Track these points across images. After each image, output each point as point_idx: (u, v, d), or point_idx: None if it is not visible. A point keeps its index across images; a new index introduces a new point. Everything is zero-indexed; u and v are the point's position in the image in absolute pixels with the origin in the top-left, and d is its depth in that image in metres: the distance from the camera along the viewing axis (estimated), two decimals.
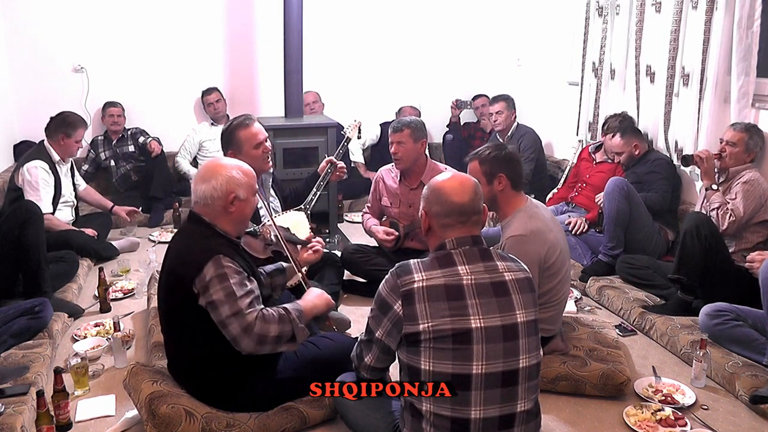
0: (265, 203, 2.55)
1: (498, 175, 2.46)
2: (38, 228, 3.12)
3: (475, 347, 1.66)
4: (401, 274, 1.74)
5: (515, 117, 4.78)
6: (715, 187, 3.17)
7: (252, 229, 2.57)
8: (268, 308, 2.06)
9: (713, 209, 3.08)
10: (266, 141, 2.95)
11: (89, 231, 3.97)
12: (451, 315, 1.67)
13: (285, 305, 2.12)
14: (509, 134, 4.75)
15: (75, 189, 4.12)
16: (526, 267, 1.85)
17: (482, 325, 1.67)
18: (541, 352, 1.80)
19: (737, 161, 3.17)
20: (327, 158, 3.41)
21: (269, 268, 2.50)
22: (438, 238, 1.82)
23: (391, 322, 1.74)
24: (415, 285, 1.70)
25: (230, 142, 2.90)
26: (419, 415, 1.72)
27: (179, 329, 2.14)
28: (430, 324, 1.67)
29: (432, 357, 1.68)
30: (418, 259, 1.79)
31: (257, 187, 2.21)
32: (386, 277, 1.79)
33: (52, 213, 3.77)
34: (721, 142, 3.25)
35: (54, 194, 3.80)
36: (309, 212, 3.24)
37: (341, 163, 3.38)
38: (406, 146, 3.32)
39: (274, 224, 2.54)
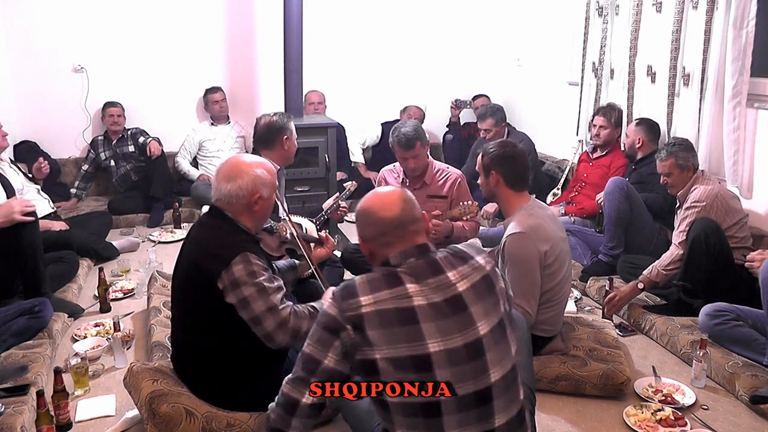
0: (281, 201, 2.58)
1: (491, 171, 2.53)
2: (34, 231, 3.06)
3: (438, 372, 1.53)
4: (346, 297, 1.57)
5: (505, 127, 4.69)
6: (641, 286, 3.10)
7: (269, 225, 2.60)
8: (296, 305, 2.10)
9: (670, 267, 3.04)
10: None
11: (58, 224, 3.85)
12: (406, 341, 1.53)
13: (312, 303, 2.16)
14: None
15: (31, 175, 4.02)
16: (482, 260, 1.68)
17: (442, 348, 1.54)
18: (513, 351, 1.66)
19: (682, 183, 3.14)
20: (335, 196, 3.55)
21: (282, 264, 2.52)
22: (382, 258, 1.68)
23: (343, 346, 1.56)
24: (363, 310, 1.54)
25: (286, 131, 3.13)
26: None
27: (190, 318, 2.14)
28: (386, 352, 1.53)
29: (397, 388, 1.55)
30: (365, 277, 1.62)
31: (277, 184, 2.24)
32: (329, 301, 1.62)
33: None
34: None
35: (6, 193, 3.57)
36: (318, 226, 3.27)
37: (345, 203, 3.50)
38: (420, 157, 3.33)
39: (290, 222, 2.57)
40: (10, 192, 3.63)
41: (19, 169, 4.04)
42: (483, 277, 1.65)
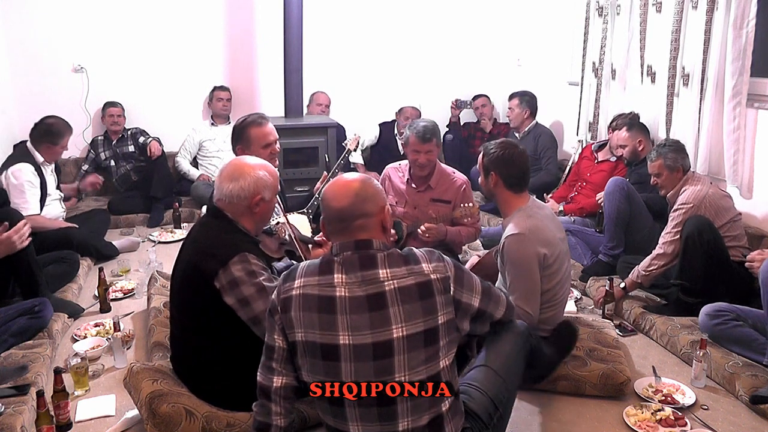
0: (279, 203, 2.57)
1: (490, 172, 2.53)
2: None
3: (343, 365, 1.60)
4: (286, 280, 1.69)
5: (528, 114, 4.79)
6: (622, 285, 3.19)
7: (268, 227, 2.60)
8: None
9: (650, 267, 3.09)
10: (276, 143, 2.95)
11: (67, 224, 3.93)
12: (320, 329, 1.61)
13: None
14: (526, 131, 4.79)
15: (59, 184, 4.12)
16: (428, 267, 1.66)
17: (350, 342, 1.59)
18: (442, 363, 1.63)
19: (672, 185, 3.15)
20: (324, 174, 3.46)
21: (281, 266, 2.52)
22: (333, 244, 1.75)
23: (280, 327, 1.68)
24: (293, 292, 1.65)
25: (240, 138, 2.91)
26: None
27: (189, 318, 2.14)
28: (302, 334, 1.63)
29: (309, 370, 1.65)
30: (309, 262, 1.72)
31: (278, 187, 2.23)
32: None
33: (39, 212, 3.74)
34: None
35: (41, 193, 3.75)
36: (311, 216, 3.26)
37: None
38: (433, 154, 3.32)
39: (288, 223, 2.57)
40: (44, 193, 3.78)
41: (56, 177, 4.12)
42: (418, 283, 1.62)
